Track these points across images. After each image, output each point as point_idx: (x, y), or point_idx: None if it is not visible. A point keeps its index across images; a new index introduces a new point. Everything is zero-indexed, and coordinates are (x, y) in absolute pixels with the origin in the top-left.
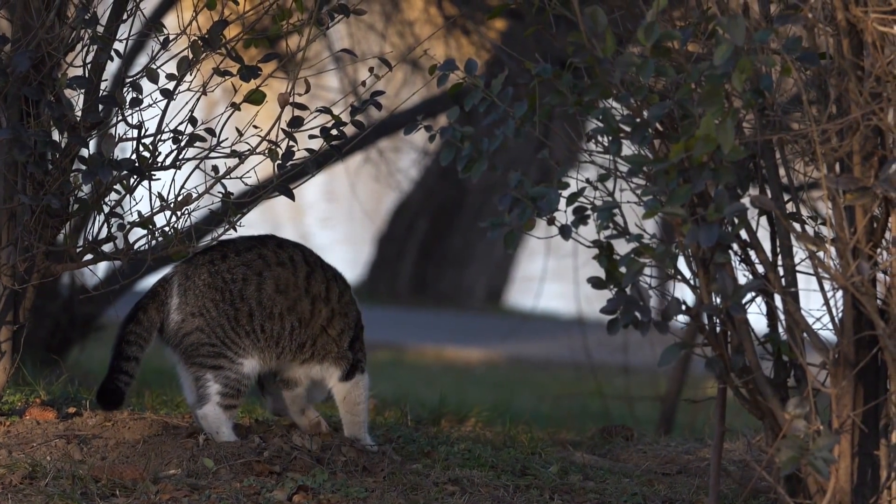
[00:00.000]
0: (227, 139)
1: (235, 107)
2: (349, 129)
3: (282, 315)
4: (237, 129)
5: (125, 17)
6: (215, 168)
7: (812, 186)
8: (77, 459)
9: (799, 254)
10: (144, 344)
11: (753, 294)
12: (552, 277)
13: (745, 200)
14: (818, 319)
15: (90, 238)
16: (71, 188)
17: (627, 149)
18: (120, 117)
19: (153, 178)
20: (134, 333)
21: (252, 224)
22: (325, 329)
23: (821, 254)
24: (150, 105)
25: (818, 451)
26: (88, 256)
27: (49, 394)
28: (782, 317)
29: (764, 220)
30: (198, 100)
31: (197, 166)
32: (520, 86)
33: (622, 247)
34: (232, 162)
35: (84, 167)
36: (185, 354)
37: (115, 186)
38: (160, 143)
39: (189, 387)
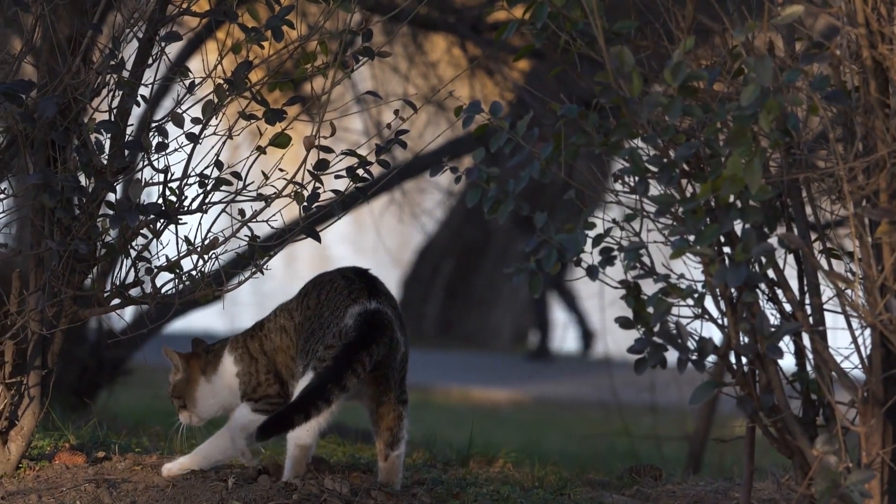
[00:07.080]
0: (252, 182)
1: (261, 150)
2: (375, 170)
3: None
4: (263, 173)
5: (150, 61)
6: (241, 211)
7: (839, 224)
8: None
9: (826, 292)
10: (361, 378)
11: None
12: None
13: (773, 240)
14: (846, 358)
15: (117, 282)
16: (98, 233)
17: (654, 189)
18: (146, 162)
19: (180, 222)
20: (362, 364)
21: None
22: None
23: (849, 292)
24: (175, 149)
25: (853, 486)
26: (116, 301)
27: (78, 438)
28: (810, 355)
29: (791, 258)
30: (223, 143)
31: (223, 210)
32: (545, 126)
33: (649, 287)
34: (258, 205)
35: (111, 212)
36: (399, 386)
37: (141, 231)
38: (186, 187)
39: (382, 430)
